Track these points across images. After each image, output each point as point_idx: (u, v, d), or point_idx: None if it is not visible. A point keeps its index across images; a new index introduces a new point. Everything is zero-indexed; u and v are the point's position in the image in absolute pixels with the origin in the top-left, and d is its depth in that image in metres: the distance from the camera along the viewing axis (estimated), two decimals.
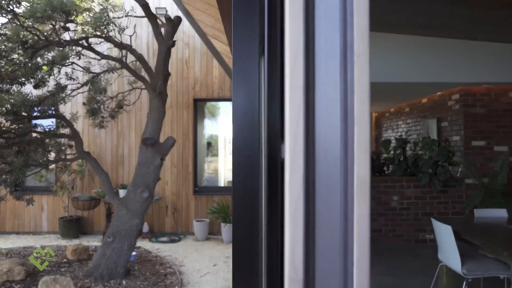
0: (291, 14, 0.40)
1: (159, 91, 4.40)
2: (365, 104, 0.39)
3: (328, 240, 0.39)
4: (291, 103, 0.41)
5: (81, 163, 6.03)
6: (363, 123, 0.39)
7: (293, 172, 0.41)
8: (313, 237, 0.40)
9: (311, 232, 0.41)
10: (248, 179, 1.36)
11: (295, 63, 0.40)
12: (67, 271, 4.30)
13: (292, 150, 0.41)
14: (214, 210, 5.85)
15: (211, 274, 4.45)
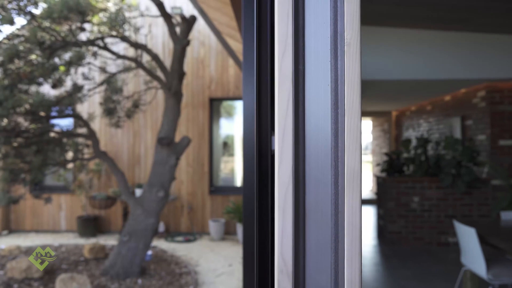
0: (280, 4, 0.39)
1: (174, 90, 4.38)
2: (356, 94, 0.37)
3: (318, 232, 0.37)
4: (279, 93, 0.37)
5: (98, 163, 6.10)
6: (354, 113, 0.36)
7: (282, 163, 0.38)
8: (303, 229, 0.37)
9: (301, 224, 0.37)
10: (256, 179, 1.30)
11: (284, 52, 0.37)
12: (84, 269, 4.35)
13: (281, 141, 0.38)
14: (230, 210, 5.81)
15: (226, 274, 4.41)
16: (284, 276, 0.36)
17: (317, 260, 0.37)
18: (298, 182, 0.36)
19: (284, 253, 0.36)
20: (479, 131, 5.26)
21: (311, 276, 0.37)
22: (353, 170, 0.35)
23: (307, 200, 0.36)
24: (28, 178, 4.14)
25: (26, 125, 4.18)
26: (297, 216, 0.37)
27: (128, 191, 4.32)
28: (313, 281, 0.36)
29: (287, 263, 0.36)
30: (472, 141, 5.20)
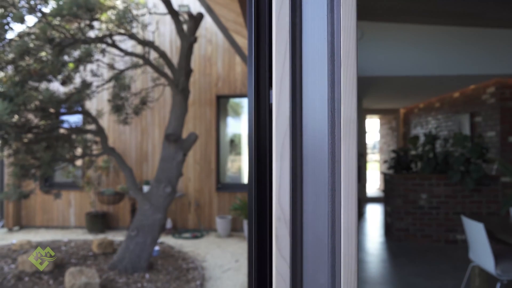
0: None
1: (181, 87, 4.41)
2: (352, 43, 0.37)
3: (315, 181, 0.38)
4: (277, 45, 0.38)
5: (107, 160, 6.16)
6: (350, 63, 0.36)
7: (279, 113, 0.39)
8: (301, 178, 0.38)
9: (298, 173, 0.38)
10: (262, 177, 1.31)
11: (282, 5, 0.38)
12: (93, 264, 4.40)
13: (278, 92, 0.39)
14: (237, 206, 5.83)
15: (233, 270, 4.43)
16: (281, 224, 0.37)
17: (314, 208, 0.37)
18: (295, 131, 0.37)
19: (281, 201, 0.37)
20: (488, 127, 5.20)
21: (308, 223, 0.37)
22: (349, 119, 0.36)
23: (304, 149, 0.37)
24: (38, 174, 4.21)
25: (36, 121, 4.25)
26: (294, 165, 0.37)
27: (136, 187, 4.36)
28: (310, 228, 0.37)
29: (285, 211, 0.37)
30: (481, 137, 5.14)
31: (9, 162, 4.34)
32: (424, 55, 4.59)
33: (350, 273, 0.36)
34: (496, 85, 5.01)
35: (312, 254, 0.37)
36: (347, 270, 0.36)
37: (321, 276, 0.37)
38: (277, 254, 0.37)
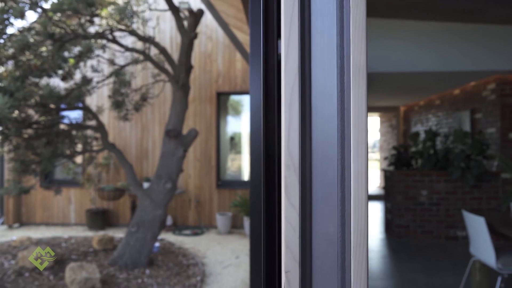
0: None
1: (181, 83, 4.41)
2: None
3: (324, 128, 0.37)
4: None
5: (107, 156, 6.16)
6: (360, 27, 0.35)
7: (287, 62, 0.38)
8: (309, 125, 0.37)
9: (307, 120, 0.37)
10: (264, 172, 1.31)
11: None
12: (93, 260, 4.39)
13: (287, 42, 0.39)
14: (237, 203, 5.83)
15: (233, 266, 4.42)
16: (291, 172, 0.37)
17: (323, 156, 0.37)
18: (304, 80, 0.36)
19: (290, 149, 0.36)
20: (488, 124, 5.21)
21: (317, 171, 0.37)
22: (358, 66, 0.35)
23: (313, 98, 0.36)
24: (39, 169, 4.20)
25: (36, 117, 4.25)
26: (303, 114, 0.37)
27: (136, 183, 4.36)
28: (319, 176, 0.37)
29: (294, 159, 0.36)
30: (481, 134, 5.14)
31: (9, 157, 4.34)
32: (424, 52, 4.59)
33: (361, 219, 0.35)
34: (497, 82, 5.01)
35: (321, 202, 0.37)
36: (358, 217, 0.35)
37: (330, 225, 0.37)
38: (286, 202, 0.37)
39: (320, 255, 0.37)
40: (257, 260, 1.25)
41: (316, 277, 0.37)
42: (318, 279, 0.37)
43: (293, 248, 0.37)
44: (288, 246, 0.37)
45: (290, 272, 0.37)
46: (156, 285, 3.76)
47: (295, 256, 0.37)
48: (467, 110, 5.69)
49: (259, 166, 0.65)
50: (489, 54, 4.55)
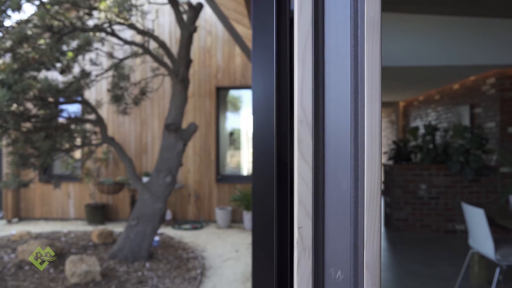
0: None
1: (181, 77, 4.40)
2: None
3: (337, 82, 0.37)
4: None
5: (106, 151, 6.15)
6: None
7: (301, 13, 0.38)
8: (322, 80, 0.37)
9: (320, 73, 0.37)
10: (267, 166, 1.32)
11: None
12: (93, 253, 4.40)
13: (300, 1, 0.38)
14: (237, 198, 5.83)
15: (233, 259, 4.43)
16: (304, 127, 0.36)
17: (336, 111, 0.37)
18: (317, 34, 0.36)
19: (304, 104, 0.36)
20: (488, 118, 5.22)
21: (330, 126, 0.37)
22: (372, 20, 0.34)
23: (326, 51, 0.36)
24: (38, 163, 4.19)
25: (34, 110, 4.23)
26: (316, 68, 0.37)
27: (136, 176, 4.36)
28: (332, 131, 0.37)
29: (307, 114, 0.36)
30: (481, 128, 5.15)
31: (7, 151, 4.33)
32: (424, 45, 4.59)
33: (374, 175, 0.35)
34: (496, 76, 5.02)
35: (334, 157, 0.37)
36: (371, 172, 0.35)
37: (343, 180, 0.37)
38: (299, 157, 0.37)
39: (332, 210, 0.37)
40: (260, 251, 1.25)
41: (329, 232, 0.37)
42: (331, 234, 0.37)
43: (306, 203, 0.37)
44: (301, 201, 0.37)
45: (303, 228, 0.37)
46: (156, 278, 3.77)
47: (308, 211, 0.37)
48: (466, 105, 5.70)
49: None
50: (489, 48, 4.56)
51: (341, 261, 0.38)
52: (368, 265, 0.36)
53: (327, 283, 0.38)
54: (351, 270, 0.38)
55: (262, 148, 1.25)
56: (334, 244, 0.38)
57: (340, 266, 0.38)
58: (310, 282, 0.38)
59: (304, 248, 0.37)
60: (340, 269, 0.38)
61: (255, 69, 1.07)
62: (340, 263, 0.38)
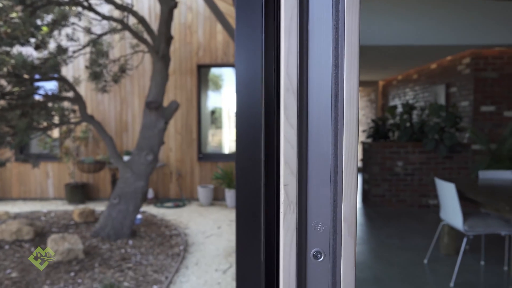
0: None
1: (162, 54, 4.33)
2: None
3: (320, 53, 0.40)
4: None
5: (85, 130, 6.04)
6: None
7: None
8: (307, 50, 0.40)
9: (304, 45, 0.40)
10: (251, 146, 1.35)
11: None
12: (75, 232, 4.39)
13: None
14: (218, 176, 5.89)
15: (215, 236, 4.52)
16: (289, 94, 0.40)
17: (319, 79, 0.40)
18: (302, 6, 0.39)
19: (289, 72, 0.39)
20: (462, 97, 5.39)
21: (313, 94, 0.41)
22: None
23: (310, 23, 0.39)
24: (14, 142, 4.09)
25: (9, 88, 4.09)
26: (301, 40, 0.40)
27: (117, 155, 4.33)
28: (315, 98, 0.40)
29: (292, 82, 0.39)
30: (455, 107, 5.33)
31: None
32: (402, 25, 4.65)
33: (352, 138, 0.40)
34: (472, 56, 5.16)
35: (316, 123, 0.41)
36: (349, 135, 0.40)
37: (325, 144, 0.41)
38: (285, 122, 0.40)
39: (314, 170, 0.41)
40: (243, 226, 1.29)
41: (311, 189, 0.41)
42: (313, 191, 0.42)
43: (291, 163, 0.41)
44: (287, 162, 0.41)
45: (288, 185, 0.41)
46: (140, 255, 3.82)
47: (293, 171, 0.41)
48: (442, 84, 5.85)
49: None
50: (465, 29, 4.66)
51: (322, 214, 0.43)
52: (345, 217, 0.41)
53: (309, 234, 0.43)
54: (330, 222, 0.43)
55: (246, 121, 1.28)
56: (315, 199, 0.42)
57: (321, 219, 0.43)
58: (295, 234, 0.42)
59: (289, 204, 0.41)
60: (321, 222, 0.43)
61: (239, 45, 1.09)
62: (321, 216, 0.43)
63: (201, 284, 3.25)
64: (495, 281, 3.11)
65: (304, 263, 0.44)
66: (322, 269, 0.43)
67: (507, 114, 5.21)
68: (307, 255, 0.44)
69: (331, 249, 0.43)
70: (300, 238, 0.43)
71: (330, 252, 0.43)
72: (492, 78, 5.13)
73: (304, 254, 0.44)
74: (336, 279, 0.43)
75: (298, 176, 0.42)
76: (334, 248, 0.43)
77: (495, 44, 4.74)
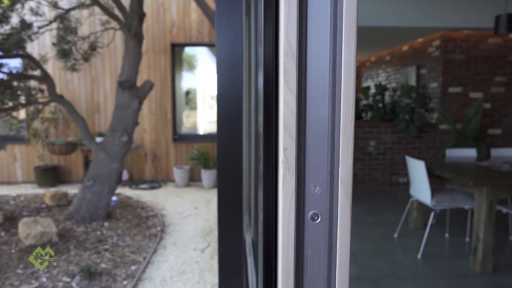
0: None
1: (134, 31, 4.18)
2: None
3: (318, 20, 0.41)
4: None
5: (54, 111, 5.81)
6: None
7: None
8: (306, 17, 0.41)
9: (304, 13, 0.41)
10: (231, 119, 1.35)
11: None
12: (47, 215, 4.28)
13: None
14: (194, 156, 5.86)
15: (192, 216, 4.54)
16: (289, 58, 0.40)
17: (317, 45, 0.41)
18: None
19: (289, 38, 0.40)
20: (432, 79, 5.57)
21: (312, 59, 0.41)
22: None
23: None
24: None
25: None
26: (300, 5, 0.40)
27: (90, 136, 4.20)
28: (314, 64, 0.41)
29: (292, 47, 0.40)
30: (425, 88, 5.50)
31: None
32: (376, 7, 4.70)
33: (349, 103, 0.41)
34: (442, 38, 5.31)
35: (315, 88, 0.42)
36: (346, 100, 0.41)
37: (322, 108, 0.42)
38: (285, 87, 0.41)
39: (313, 134, 0.43)
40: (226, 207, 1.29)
41: (309, 153, 0.43)
42: (311, 155, 0.43)
43: (291, 128, 0.42)
44: (286, 126, 0.42)
45: (288, 149, 0.42)
46: (116, 237, 3.78)
47: (292, 135, 0.42)
48: (413, 66, 6.01)
49: None
50: (435, 11, 4.77)
51: (319, 178, 0.44)
52: (342, 180, 0.43)
53: (307, 197, 0.45)
54: (327, 185, 0.44)
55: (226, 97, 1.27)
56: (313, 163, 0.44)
57: (319, 182, 0.44)
58: (293, 197, 0.44)
59: (288, 167, 0.43)
60: (318, 185, 0.44)
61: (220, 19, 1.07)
62: (318, 179, 0.44)
63: (180, 263, 3.27)
64: (458, 251, 3.32)
65: (302, 225, 0.45)
66: (319, 230, 0.45)
67: (472, 95, 5.43)
68: (305, 217, 0.45)
69: (327, 211, 0.45)
70: (299, 201, 0.45)
71: (326, 214, 0.45)
72: (460, 60, 5.32)
73: (302, 216, 0.45)
74: (332, 240, 0.45)
75: (297, 141, 0.43)
76: (330, 210, 0.45)
77: (464, 27, 4.89)
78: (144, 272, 3.09)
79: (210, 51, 6.29)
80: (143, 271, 3.10)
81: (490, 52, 5.33)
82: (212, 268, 3.18)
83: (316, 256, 0.46)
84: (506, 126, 5.50)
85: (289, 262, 0.43)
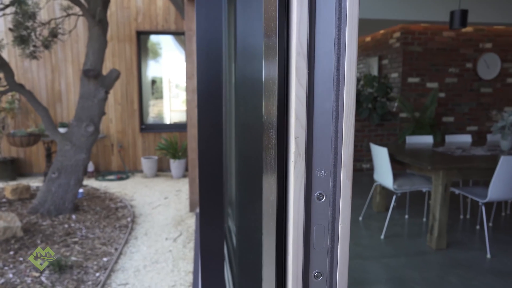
0: None
1: (98, 18, 4.04)
2: None
3: (325, 20, 0.45)
4: None
5: (11, 100, 5.50)
6: None
7: None
8: (314, 17, 0.46)
9: (312, 13, 0.46)
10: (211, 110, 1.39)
11: None
12: (9, 210, 4.10)
13: None
14: (163, 146, 5.79)
15: (163, 206, 4.52)
16: (300, 57, 0.46)
17: (324, 46, 0.46)
18: None
19: (301, 39, 0.45)
20: (393, 69, 5.83)
21: (319, 58, 0.47)
22: None
23: None
24: None
25: None
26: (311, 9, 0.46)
27: (53, 127, 4.05)
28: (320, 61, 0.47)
29: (303, 47, 0.45)
30: (386, 78, 5.76)
31: None
32: None
33: (350, 97, 0.48)
34: (401, 31, 5.56)
35: (321, 83, 0.48)
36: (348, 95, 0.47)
37: (327, 102, 0.49)
38: (296, 83, 0.47)
39: (319, 124, 0.49)
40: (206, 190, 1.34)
41: (316, 141, 0.49)
42: (318, 142, 0.49)
43: (301, 118, 0.48)
44: (298, 117, 0.48)
45: (299, 137, 0.48)
46: (85, 229, 3.71)
47: (302, 125, 0.48)
48: (376, 57, 6.25)
49: None
50: (395, 4, 4.98)
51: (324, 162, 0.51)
52: (344, 163, 0.50)
53: (314, 179, 0.51)
54: (331, 169, 0.51)
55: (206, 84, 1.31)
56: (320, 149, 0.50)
57: (324, 166, 0.51)
58: (303, 179, 0.50)
59: (299, 153, 0.49)
60: (324, 168, 0.51)
61: None
62: (324, 163, 0.51)
63: (152, 252, 3.28)
64: (416, 231, 3.58)
65: (309, 204, 0.52)
66: (323, 208, 0.52)
67: (429, 85, 5.76)
68: (312, 197, 0.52)
69: (331, 191, 0.52)
70: (307, 183, 0.51)
71: (330, 193, 0.52)
72: (418, 51, 5.61)
73: (309, 196, 0.52)
74: (335, 216, 0.52)
75: (307, 130, 0.49)
76: (334, 190, 0.52)
77: (421, 20, 5.15)
78: (117, 263, 3.08)
79: (176, 39, 6.19)
80: (115, 262, 3.08)
81: (444, 44, 5.65)
82: (185, 257, 3.22)
83: (321, 230, 0.53)
84: (458, 114, 5.90)
85: (299, 236, 0.50)
